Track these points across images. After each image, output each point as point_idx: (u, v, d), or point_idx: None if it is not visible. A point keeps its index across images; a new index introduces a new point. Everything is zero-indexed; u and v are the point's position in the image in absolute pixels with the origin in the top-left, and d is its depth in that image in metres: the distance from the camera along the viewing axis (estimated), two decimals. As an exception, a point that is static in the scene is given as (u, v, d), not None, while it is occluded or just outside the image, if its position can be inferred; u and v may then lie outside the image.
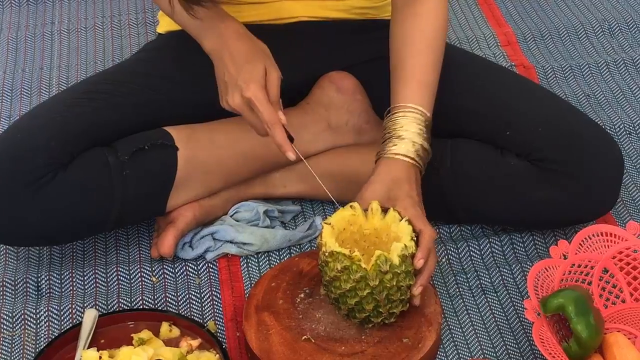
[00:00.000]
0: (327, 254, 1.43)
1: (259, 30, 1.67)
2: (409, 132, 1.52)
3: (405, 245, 1.41)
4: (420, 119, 1.53)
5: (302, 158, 1.50)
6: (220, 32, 1.56)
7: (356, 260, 1.41)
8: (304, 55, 1.55)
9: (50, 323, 1.59)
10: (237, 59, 1.52)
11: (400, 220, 1.45)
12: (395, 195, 1.48)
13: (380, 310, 1.44)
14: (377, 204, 1.47)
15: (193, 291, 1.64)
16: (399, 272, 1.41)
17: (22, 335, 1.57)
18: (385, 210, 1.47)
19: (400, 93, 1.56)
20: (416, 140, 1.51)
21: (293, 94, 1.75)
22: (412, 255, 1.43)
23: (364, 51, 1.77)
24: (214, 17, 1.58)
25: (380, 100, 1.75)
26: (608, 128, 1.95)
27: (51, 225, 1.56)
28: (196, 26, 1.59)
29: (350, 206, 1.48)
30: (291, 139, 1.51)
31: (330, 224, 1.46)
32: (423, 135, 1.53)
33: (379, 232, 1.47)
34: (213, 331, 1.53)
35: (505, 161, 1.61)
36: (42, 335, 1.57)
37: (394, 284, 1.42)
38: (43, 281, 1.66)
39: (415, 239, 1.44)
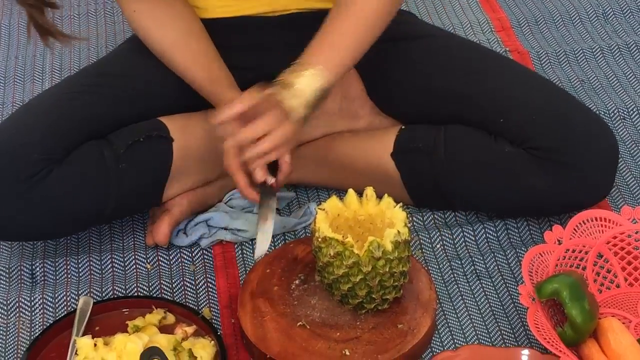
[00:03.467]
0: (320, 239, 1.43)
1: (252, 23, 1.67)
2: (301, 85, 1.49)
3: (399, 232, 1.41)
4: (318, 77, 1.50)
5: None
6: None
7: (349, 246, 1.41)
8: (298, 46, 1.55)
9: (45, 311, 1.59)
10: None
11: (384, 196, 1.45)
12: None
13: (373, 296, 1.45)
14: (371, 190, 1.48)
15: (188, 278, 1.64)
16: (391, 258, 1.41)
17: (17, 323, 1.57)
18: (380, 197, 1.48)
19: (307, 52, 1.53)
20: (306, 96, 1.49)
21: None
22: (405, 242, 1.43)
23: None
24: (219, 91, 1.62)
25: (375, 86, 1.74)
26: (602, 113, 1.95)
27: (48, 220, 1.56)
28: (212, 98, 1.63)
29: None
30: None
31: (324, 209, 1.46)
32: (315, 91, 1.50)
33: (374, 218, 1.47)
34: (208, 318, 1.53)
35: (499, 148, 1.61)
36: (37, 323, 1.57)
37: (387, 270, 1.42)
38: (37, 269, 1.66)
39: (409, 225, 1.44)
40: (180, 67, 1.63)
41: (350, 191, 1.48)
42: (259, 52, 1.69)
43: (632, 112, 1.97)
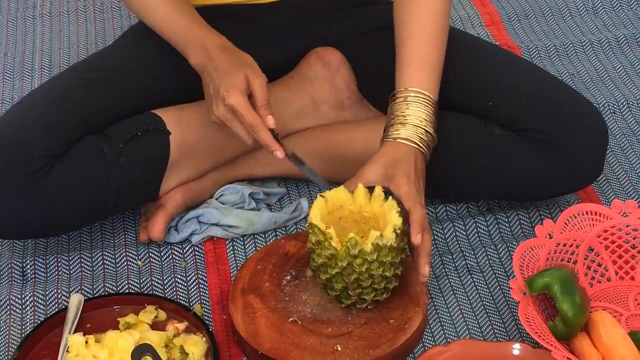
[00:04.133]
0: (308, 224, 1.43)
1: (243, 11, 1.67)
2: (411, 116, 1.52)
3: (382, 235, 1.41)
4: (424, 102, 1.53)
5: (289, 155, 1.50)
6: (205, 47, 1.56)
7: (328, 237, 1.41)
8: (288, 34, 1.55)
9: (36, 308, 1.58)
10: (220, 71, 1.53)
11: (389, 198, 1.44)
12: (392, 173, 1.48)
13: (349, 292, 1.45)
14: (379, 189, 1.47)
15: (179, 274, 1.64)
16: (369, 259, 1.41)
17: (8, 321, 1.57)
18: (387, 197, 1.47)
19: (403, 76, 1.56)
20: (419, 125, 1.52)
21: (280, 73, 1.75)
22: (391, 247, 1.42)
23: (350, 27, 1.77)
24: (197, 34, 1.58)
25: (365, 75, 1.75)
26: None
27: (49, 217, 1.55)
28: (181, 41, 1.60)
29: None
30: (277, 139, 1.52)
31: (324, 197, 1.46)
32: (426, 119, 1.53)
33: (378, 217, 1.47)
34: (199, 314, 1.53)
35: (489, 131, 1.62)
36: (28, 320, 1.57)
37: (364, 270, 1.42)
38: (28, 266, 1.66)
39: (398, 231, 1.43)
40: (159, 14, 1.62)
41: (360, 186, 1.47)
42: (247, 39, 1.69)
43: (622, 105, 1.97)
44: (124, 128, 1.60)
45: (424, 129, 1.52)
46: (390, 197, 1.45)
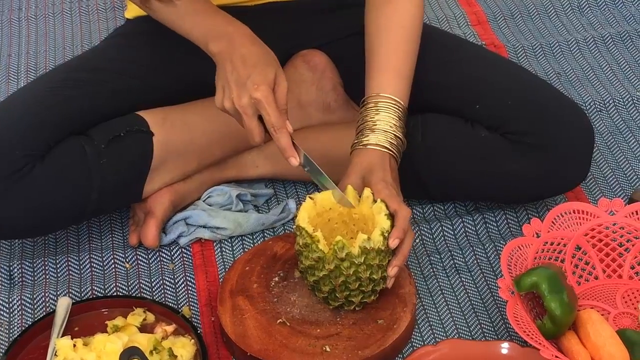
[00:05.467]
0: (296, 226, 1.43)
1: (229, 12, 1.66)
2: (381, 122, 1.53)
3: (369, 238, 1.41)
4: (394, 109, 1.54)
5: (312, 160, 1.49)
6: (231, 36, 1.51)
7: (315, 240, 1.41)
8: (274, 36, 1.55)
9: (24, 312, 1.58)
10: (249, 62, 1.48)
11: (375, 202, 1.45)
12: (368, 180, 1.49)
13: (337, 294, 1.45)
14: (368, 191, 1.47)
15: (167, 277, 1.64)
16: (357, 262, 1.41)
17: (-5, 325, 1.56)
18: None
19: (374, 82, 1.56)
20: (389, 131, 1.52)
21: None
22: (378, 250, 1.42)
23: (336, 29, 1.77)
24: (221, 21, 1.54)
25: (351, 77, 1.75)
26: (579, 105, 1.95)
27: (30, 217, 1.54)
28: (200, 29, 1.54)
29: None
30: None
31: (313, 199, 1.46)
32: (396, 125, 1.53)
33: (366, 219, 1.47)
34: (188, 316, 1.53)
35: (476, 133, 1.62)
36: (16, 324, 1.56)
37: (351, 272, 1.42)
38: (15, 270, 1.65)
39: (386, 234, 1.43)
40: None
41: (350, 188, 1.47)
42: None
43: (608, 104, 1.98)
44: (107, 129, 1.60)
45: (393, 134, 1.53)
46: (379, 200, 1.45)
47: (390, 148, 1.52)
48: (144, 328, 1.50)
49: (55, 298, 1.59)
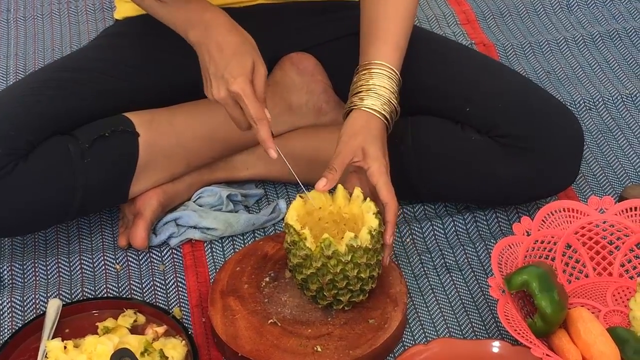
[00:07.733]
0: (284, 224, 1.44)
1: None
2: (381, 87, 1.53)
3: (356, 236, 1.41)
4: (387, 75, 1.54)
5: (283, 157, 1.49)
6: (207, 24, 1.51)
7: (303, 238, 1.41)
8: (262, 38, 1.55)
9: (14, 314, 1.57)
10: (225, 51, 1.48)
11: (367, 200, 1.45)
12: (368, 152, 1.48)
13: (325, 293, 1.45)
14: (359, 190, 1.47)
15: (157, 278, 1.64)
16: (344, 260, 1.41)
17: (-15, 327, 1.56)
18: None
19: (372, 50, 1.56)
20: (383, 95, 1.53)
21: None
22: (366, 249, 1.42)
23: (324, 32, 1.77)
24: (197, 8, 1.53)
25: (340, 80, 1.74)
26: (568, 104, 1.96)
27: (13, 216, 1.54)
28: (179, 17, 1.54)
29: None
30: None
31: (303, 197, 1.46)
32: (390, 90, 1.54)
33: (356, 218, 1.47)
34: (179, 317, 1.53)
35: (466, 136, 1.62)
36: (6, 326, 1.56)
37: (338, 270, 1.42)
38: (5, 272, 1.65)
39: (373, 232, 1.43)
40: None
41: (340, 187, 1.47)
42: None
43: (597, 102, 1.98)
44: (92, 129, 1.60)
45: (387, 99, 1.53)
46: (368, 199, 1.45)
47: (384, 114, 1.52)
48: (135, 329, 1.50)
49: (46, 300, 1.58)
